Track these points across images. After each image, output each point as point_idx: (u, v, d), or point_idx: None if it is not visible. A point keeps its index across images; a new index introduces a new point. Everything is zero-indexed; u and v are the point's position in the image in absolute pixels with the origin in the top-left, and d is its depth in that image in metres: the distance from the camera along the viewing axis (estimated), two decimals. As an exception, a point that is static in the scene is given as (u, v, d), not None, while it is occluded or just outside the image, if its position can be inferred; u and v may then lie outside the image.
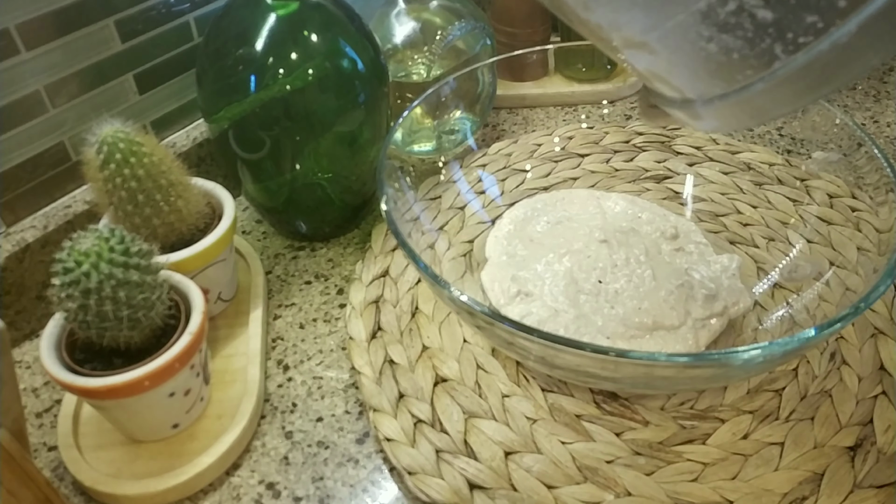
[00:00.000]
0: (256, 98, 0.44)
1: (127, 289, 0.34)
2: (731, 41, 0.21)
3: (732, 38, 0.21)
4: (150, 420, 0.38)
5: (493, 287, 0.46)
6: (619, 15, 0.23)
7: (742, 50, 0.21)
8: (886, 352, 0.42)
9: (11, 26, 0.42)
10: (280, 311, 0.49)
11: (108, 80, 0.49)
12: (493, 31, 0.61)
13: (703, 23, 0.21)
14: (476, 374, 0.43)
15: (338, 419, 0.42)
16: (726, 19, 0.21)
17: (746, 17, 0.20)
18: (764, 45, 0.21)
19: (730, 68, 0.22)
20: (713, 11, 0.21)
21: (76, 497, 0.39)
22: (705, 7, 0.21)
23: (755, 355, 0.31)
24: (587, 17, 0.24)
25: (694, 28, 0.21)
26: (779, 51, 0.21)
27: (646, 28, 0.23)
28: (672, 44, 0.23)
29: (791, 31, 0.20)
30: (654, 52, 0.24)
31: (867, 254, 0.41)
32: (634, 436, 0.39)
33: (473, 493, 0.37)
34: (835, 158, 0.46)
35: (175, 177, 0.41)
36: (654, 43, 0.23)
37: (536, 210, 0.52)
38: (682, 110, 0.26)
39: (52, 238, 0.46)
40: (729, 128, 0.26)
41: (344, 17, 0.47)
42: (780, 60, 0.21)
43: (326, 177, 0.50)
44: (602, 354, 0.32)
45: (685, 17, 0.21)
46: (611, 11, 0.23)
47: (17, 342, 0.47)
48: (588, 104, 0.66)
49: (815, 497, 0.36)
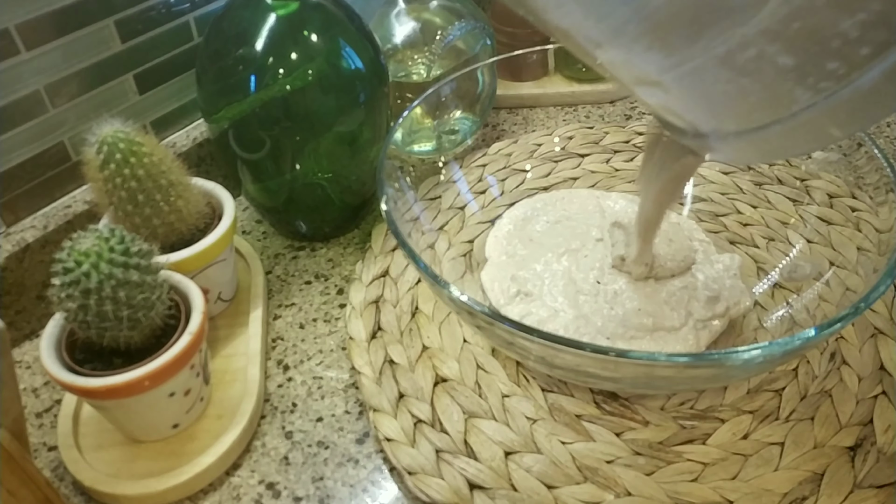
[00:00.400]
0: (256, 98, 0.44)
1: (127, 289, 0.34)
2: (750, 84, 0.21)
3: (751, 82, 0.20)
4: (150, 420, 0.38)
5: (492, 287, 0.46)
6: (633, 56, 0.22)
7: (760, 93, 0.21)
8: (886, 352, 0.42)
9: (11, 26, 0.42)
10: (280, 311, 0.49)
11: (108, 80, 0.49)
12: (493, 31, 0.61)
13: (722, 67, 0.20)
14: (476, 374, 0.43)
15: (338, 419, 0.42)
16: (745, 65, 0.20)
17: (766, 62, 0.20)
18: (783, 90, 0.20)
19: (747, 109, 0.22)
20: (732, 57, 0.20)
21: (76, 497, 0.39)
22: (724, 53, 0.20)
23: (755, 355, 0.31)
24: (596, 55, 0.24)
25: (712, 71, 0.21)
26: (798, 95, 0.20)
27: (662, 69, 0.22)
28: (688, 84, 0.22)
29: (812, 77, 0.20)
30: (668, 90, 0.23)
31: (867, 254, 0.41)
32: (634, 436, 0.39)
33: (473, 493, 0.37)
34: (835, 158, 0.46)
35: (175, 177, 0.41)
36: (670, 83, 0.22)
37: (536, 209, 0.52)
38: (694, 142, 0.26)
39: (52, 238, 0.46)
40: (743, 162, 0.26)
41: (344, 17, 0.47)
42: (799, 104, 0.20)
43: (326, 177, 0.50)
44: (602, 354, 0.32)
45: (703, 60, 0.21)
46: (625, 52, 0.22)
47: (17, 342, 0.47)
48: (588, 104, 0.66)
49: (815, 497, 0.36)
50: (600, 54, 0.23)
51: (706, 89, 0.22)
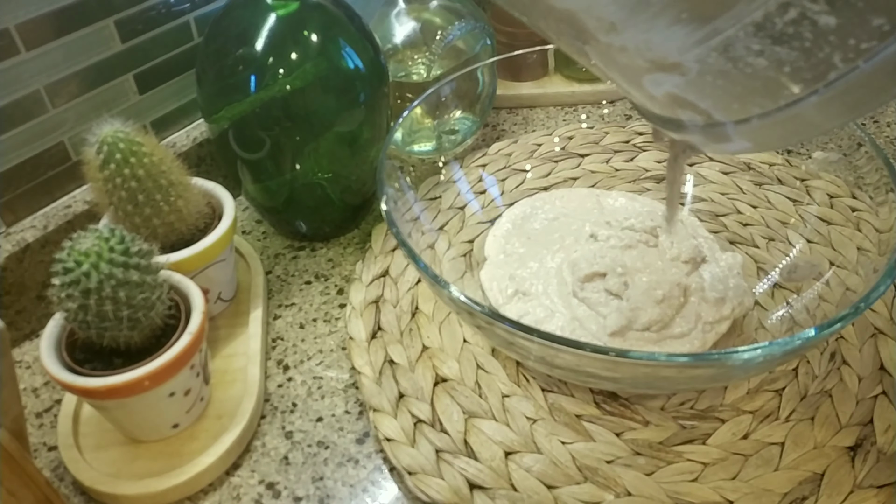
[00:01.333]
0: (256, 98, 0.44)
1: (127, 289, 0.34)
2: (786, 53, 0.19)
3: (787, 50, 0.19)
4: (150, 420, 0.38)
5: (491, 286, 0.46)
6: (653, 34, 0.20)
7: (796, 62, 0.19)
8: (886, 352, 0.42)
9: (11, 26, 0.42)
10: (280, 311, 0.49)
11: (108, 80, 0.49)
12: (493, 31, 0.61)
13: (756, 35, 0.19)
14: (476, 374, 0.43)
15: (338, 419, 0.42)
16: (784, 29, 0.18)
17: (807, 24, 0.18)
18: (822, 55, 0.19)
19: (777, 84, 0.20)
20: (770, 22, 0.18)
21: (76, 497, 0.39)
22: (761, 18, 0.18)
23: (755, 355, 0.31)
24: (609, 41, 0.22)
25: (743, 42, 0.19)
26: (837, 60, 0.19)
27: (685, 47, 0.20)
28: (712, 62, 0.20)
29: (854, 37, 0.18)
30: (686, 73, 0.21)
31: (867, 254, 0.41)
32: (634, 436, 0.39)
33: (473, 493, 0.37)
34: (835, 158, 0.46)
35: (175, 177, 0.41)
36: (690, 63, 0.21)
37: (535, 207, 0.52)
38: (704, 134, 0.24)
39: (52, 238, 0.46)
40: (762, 148, 0.23)
41: (344, 17, 0.47)
42: (838, 70, 0.19)
43: (326, 177, 0.50)
44: (602, 354, 0.32)
45: (735, 30, 0.19)
46: (643, 32, 0.20)
47: (17, 342, 0.47)
48: (588, 104, 0.66)
49: (815, 497, 0.36)
50: (612, 39, 0.21)
51: (731, 67, 0.20)
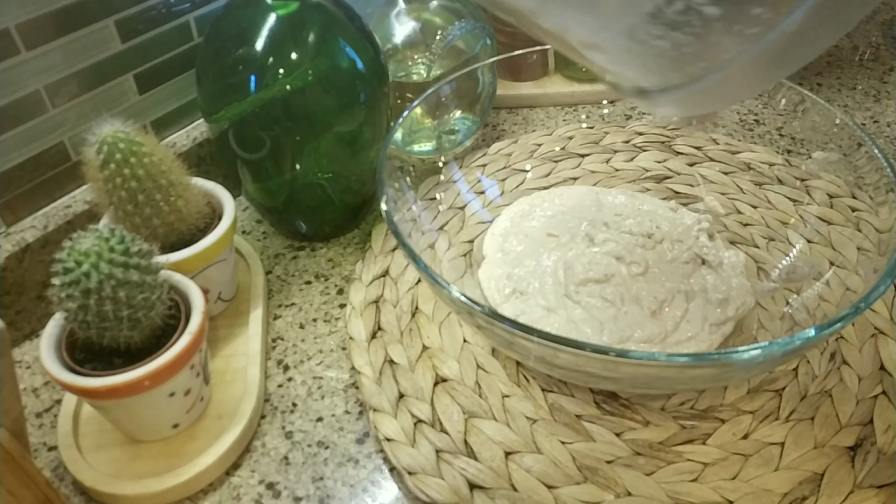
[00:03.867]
0: (256, 98, 0.44)
1: (127, 289, 0.34)
2: (682, 38, 0.21)
3: (682, 35, 0.21)
4: (150, 420, 0.38)
5: (489, 285, 0.46)
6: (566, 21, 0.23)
7: (693, 44, 0.21)
8: (886, 352, 0.42)
9: (11, 26, 0.42)
10: (280, 311, 0.49)
11: (108, 80, 0.49)
12: (493, 31, 0.61)
13: (652, 23, 0.21)
14: (476, 374, 0.43)
15: (338, 419, 0.42)
16: (674, 18, 0.21)
17: (694, 14, 0.20)
18: (713, 39, 0.21)
19: (682, 62, 0.22)
20: (661, 12, 0.21)
21: (76, 497, 0.39)
22: (653, 9, 0.21)
23: (755, 355, 0.31)
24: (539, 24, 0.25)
25: (643, 28, 0.21)
26: (729, 43, 0.21)
27: (594, 31, 0.23)
28: (623, 44, 0.23)
29: (739, 24, 0.20)
30: (605, 51, 0.24)
31: (867, 254, 0.41)
32: (634, 436, 0.39)
33: (473, 493, 0.37)
34: (835, 158, 0.46)
35: (175, 177, 0.41)
36: (606, 43, 0.23)
37: (534, 205, 0.52)
38: (639, 98, 0.27)
39: (52, 238, 0.46)
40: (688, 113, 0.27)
41: (344, 17, 0.47)
42: (731, 52, 0.21)
43: (326, 177, 0.50)
44: (602, 355, 0.32)
45: (633, 18, 0.21)
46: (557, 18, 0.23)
47: (17, 342, 0.47)
48: (588, 104, 0.66)
49: (815, 497, 0.36)
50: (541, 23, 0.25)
51: (641, 48, 0.22)
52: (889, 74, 0.70)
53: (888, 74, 0.70)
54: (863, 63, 0.73)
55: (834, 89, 0.69)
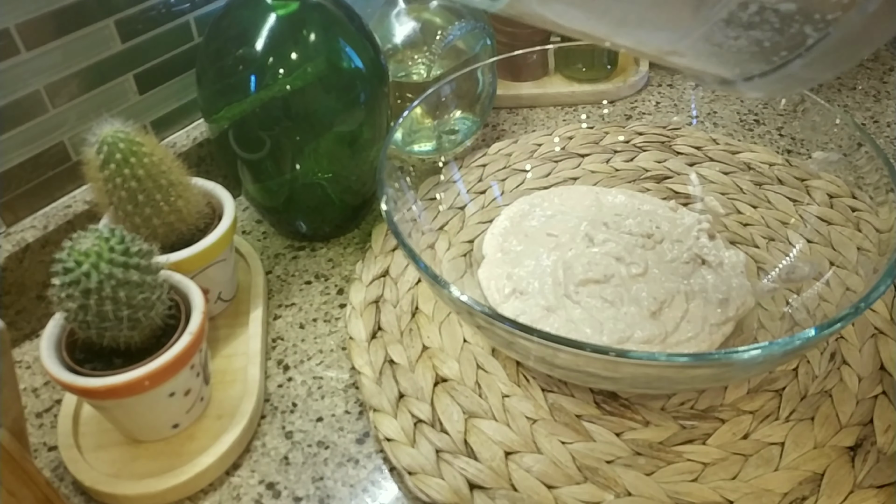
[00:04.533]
0: (256, 98, 0.44)
1: (127, 289, 0.34)
2: (760, 34, 0.22)
3: (760, 32, 0.22)
4: (150, 420, 0.38)
5: (489, 285, 0.46)
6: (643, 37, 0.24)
7: (773, 38, 0.22)
8: (886, 352, 0.42)
9: (11, 26, 0.42)
10: (280, 311, 0.49)
11: (108, 80, 0.49)
12: (493, 31, 0.61)
13: (728, 27, 0.22)
14: (476, 374, 0.43)
15: (338, 419, 0.42)
16: (750, 20, 0.21)
17: (769, 13, 0.21)
18: (793, 30, 0.21)
19: (763, 54, 0.23)
20: (735, 17, 0.21)
21: (76, 497, 0.39)
22: (727, 16, 0.21)
23: (755, 355, 0.31)
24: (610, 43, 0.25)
25: (720, 32, 0.22)
26: (809, 30, 0.21)
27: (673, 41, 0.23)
28: (701, 48, 0.23)
29: (818, 12, 0.21)
30: (684, 55, 0.24)
31: (867, 254, 0.41)
32: (634, 436, 0.39)
33: (473, 493, 0.37)
34: (835, 158, 0.46)
35: (175, 177, 0.41)
36: (685, 49, 0.24)
37: (534, 205, 0.52)
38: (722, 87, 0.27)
39: (52, 238, 0.46)
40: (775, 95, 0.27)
41: (344, 17, 0.47)
42: (813, 38, 0.22)
43: (326, 177, 0.50)
44: (602, 355, 0.32)
45: (708, 27, 0.22)
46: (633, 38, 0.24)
47: (17, 342, 0.47)
48: (588, 104, 0.66)
49: (815, 497, 0.36)
50: (613, 40, 0.25)
51: (719, 48, 0.23)
52: (889, 74, 0.70)
53: (888, 74, 0.70)
54: (863, 63, 0.73)
55: (834, 89, 0.69)
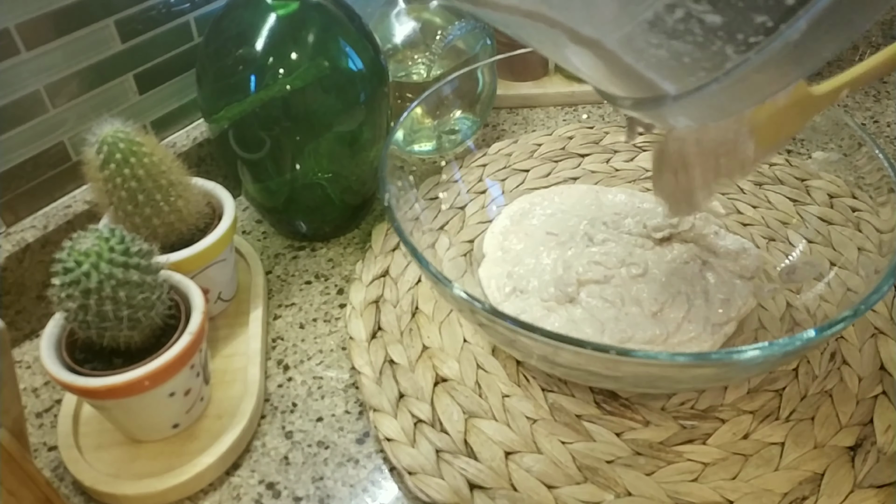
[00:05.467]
0: (256, 98, 0.44)
1: (127, 289, 0.34)
2: (682, 46, 0.21)
3: (682, 44, 0.21)
4: (150, 420, 0.38)
5: (489, 284, 0.46)
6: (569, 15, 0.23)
7: (693, 54, 0.21)
8: (886, 352, 0.42)
9: (11, 26, 0.42)
10: (280, 311, 0.49)
11: (108, 80, 0.48)
12: (493, 31, 0.61)
13: (652, 31, 0.21)
14: (476, 373, 0.43)
15: (338, 419, 0.42)
16: (675, 26, 0.20)
17: (695, 22, 0.20)
18: (715, 48, 0.21)
19: (683, 71, 0.22)
20: (661, 20, 0.20)
21: (76, 497, 0.38)
22: (652, 17, 0.20)
23: (755, 355, 0.31)
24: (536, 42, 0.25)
25: (642, 36, 0.21)
26: (730, 52, 0.21)
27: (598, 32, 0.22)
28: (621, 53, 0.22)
29: (741, 33, 0.20)
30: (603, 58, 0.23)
31: (868, 254, 0.41)
32: (635, 436, 0.39)
33: (473, 493, 0.37)
34: (835, 158, 0.46)
35: (175, 177, 0.41)
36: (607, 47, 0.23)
37: (534, 204, 0.52)
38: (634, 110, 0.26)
39: (52, 238, 0.46)
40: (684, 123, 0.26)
41: (344, 17, 0.47)
42: (732, 61, 0.21)
43: (326, 177, 0.50)
44: (603, 353, 0.31)
45: (631, 27, 0.21)
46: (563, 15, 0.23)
47: (17, 342, 0.47)
48: (588, 104, 0.66)
49: (815, 497, 0.36)
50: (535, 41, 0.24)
51: (638, 56, 0.22)
52: (889, 74, 0.70)
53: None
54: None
55: (834, 89, 0.69)
